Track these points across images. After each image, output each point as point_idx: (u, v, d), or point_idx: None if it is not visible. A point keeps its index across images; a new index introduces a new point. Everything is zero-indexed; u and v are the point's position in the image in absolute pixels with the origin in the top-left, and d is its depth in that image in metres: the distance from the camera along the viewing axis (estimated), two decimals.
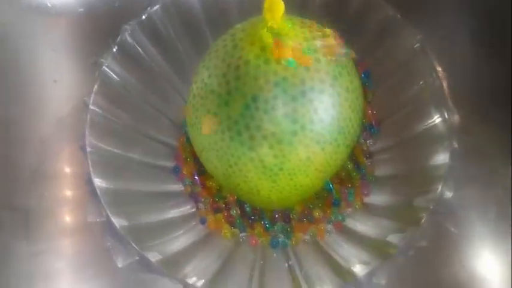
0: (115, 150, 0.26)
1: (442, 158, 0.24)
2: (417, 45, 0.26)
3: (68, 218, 0.30)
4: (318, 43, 0.22)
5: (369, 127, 0.29)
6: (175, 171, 0.29)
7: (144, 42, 0.28)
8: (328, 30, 0.23)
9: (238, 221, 0.28)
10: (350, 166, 0.28)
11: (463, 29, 0.34)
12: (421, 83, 0.26)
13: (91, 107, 0.25)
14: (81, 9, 0.37)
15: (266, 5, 0.21)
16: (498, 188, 0.30)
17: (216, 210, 0.29)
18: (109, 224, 0.22)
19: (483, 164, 0.30)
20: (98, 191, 0.23)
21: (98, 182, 0.23)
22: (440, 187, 0.23)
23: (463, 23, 0.34)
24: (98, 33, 0.36)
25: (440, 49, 0.30)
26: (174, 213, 0.27)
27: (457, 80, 0.27)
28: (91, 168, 0.23)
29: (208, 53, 0.24)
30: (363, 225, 0.26)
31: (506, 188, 0.30)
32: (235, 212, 0.28)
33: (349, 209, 0.28)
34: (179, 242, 0.25)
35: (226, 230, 0.28)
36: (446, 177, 0.23)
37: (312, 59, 0.21)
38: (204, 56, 0.24)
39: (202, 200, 0.29)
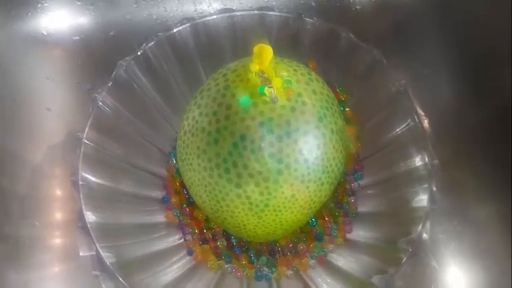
0: (106, 183, 0.27)
1: (421, 199, 0.25)
2: (400, 88, 0.28)
3: (58, 246, 0.31)
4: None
5: (353, 172, 0.31)
6: (165, 201, 0.31)
7: (138, 77, 0.30)
8: (313, 73, 0.25)
9: (224, 252, 0.29)
10: (333, 205, 0.30)
11: (446, 68, 0.36)
12: (402, 125, 0.28)
13: (84, 141, 0.26)
14: (76, 37, 0.38)
15: (255, 50, 0.23)
16: (473, 222, 0.32)
17: (203, 241, 0.30)
18: (98, 257, 0.23)
19: (459, 198, 0.32)
20: (89, 226, 0.24)
21: (89, 215, 0.24)
22: (419, 229, 0.24)
23: (445, 62, 0.37)
24: (93, 61, 0.37)
25: (423, 89, 0.33)
26: (162, 244, 0.28)
27: (439, 120, 0.29)
28: (82, 202, 0.24)
29: (200, 91, 0.25)
30: (345, 261, 0.28)
31: (478, 221, 0.32)
32: (221, 243, 0.29)
33: (331, 245, 0.29)
34: (167, 275, 0.26)
35: (213, 261, 0.29)
36: (425, 220, 0.24)
37: (291, 91, 0.23)
38: (195, 91, 0.26)
39: (190, 230, 0.30)
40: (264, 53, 0.23)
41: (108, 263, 0.24)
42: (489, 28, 0.34)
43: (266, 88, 0.22)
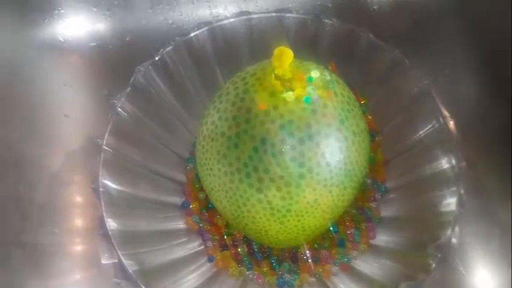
0: (125, 189, 0.27)
1: (449, 203, 0.25)
2: (423, 89, 0.27)
3: (78, 253, 0.31)
4: None
5: (378, 186, 0.30)
6: (184, 206, 0.31)
7: (156, 82, 0.30)
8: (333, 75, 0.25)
9: (245, 258, 0.29)
10: (354, 211, 0.29)
11: (467, 67, 0.36)
12: (427, 127, 0.27)
13: (104, 147, 0.26)
14: (93, 44, 0.39)
15: (276, 53, 0.23)
16: (500, 224, 0.31)
17: (224, 247, 0.30)
18: (120, 264, 0.23)
19: (486, 201, 0.32)
20: (110, 233, 0.24)
21: (110, 222, 0.24)
22: (448, 233, 0.24)
23: (466, 61, 0.36)
24: (109, 67, 0.38)
25: (445, 89, 0.32)
26: (182, 251, 0.28)
27: (464, 121, 0.28)
28: (104, 209, 0.24)
29: (218, 96, 0.25)
30: (369, 267, 0.27)
31: (506, 223, 0.31)
32: (242, 249, 0.29)
33: (355, 251, 0.29)
34: (188, 282, 0.26)
35: (233, 268, 0.29)
36: (454, 224, 0.24)
37: (331, 93, 0.23)
38: (213, 96, 0.26)
39: (210, 236, 0.30)
40: (284, 56, 0.22)
41: (130, 271, 0.24)
42: (509, 25, 0.34)
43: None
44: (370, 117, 0.31)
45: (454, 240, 0.24)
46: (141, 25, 0.40)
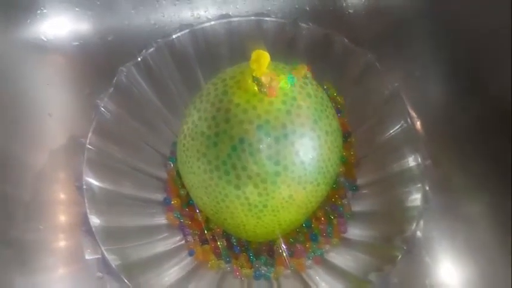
0: (108, 187, 0.28)
1: (415, 198, 0.27)
2: (394, 91, 0.29)
3: (62, 249, 0.32)
4: None
5: (350, 185, 0.32)
6: (166, 202, 0.32)
7: (138, 82, 0.31)
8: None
9: (224, 252, 0.30)
10: (328, 207, 0.31)
11: (437, 69, 0.38)
12: (396, 127, 0.29)
13: (87, 146, 0.27)
14: (76, 43, 0.40)
15: (253, 56, 0.24)
16: (465, 219, 0.33)
17: (204, 242, 0.31)
18: (103, 259, 0.25)
19: (451, 197, 0.34)
20: (94, 229, 0.25)
21: (93, 219, 0.26)
22: (413, 227, 0.26)
23: (436, 64, 0.38)
24: (92, 66, 0.39)
25: (415, 90, 0.34)
26: (164, 246, 0.30)
27: (431, 121, 0.30)
28: (87, 206, 0.26)
29: (199, 96, 0.26)
30: (342, 259, 0.29)
31: (470, 218, 0.33)
32: (221, 243, 0.31)
33: (327, 245, 0.30)
34: (170, 276, 0.28)
35: (213, 261, 0.30)
36: (419, 218, 0.26)
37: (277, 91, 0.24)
38: (194, 96, 0.27)
39: (191, 231, 0.31)
40: (262, 59, 0.24)
41: (113, 266, 0.25)
42: (479, 29, 0.36)
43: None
44: (346, 120, 0.32)
45: (419, 233, 0.25)
46: (123, 25, 0.40)
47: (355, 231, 0.30)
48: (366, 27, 0.40)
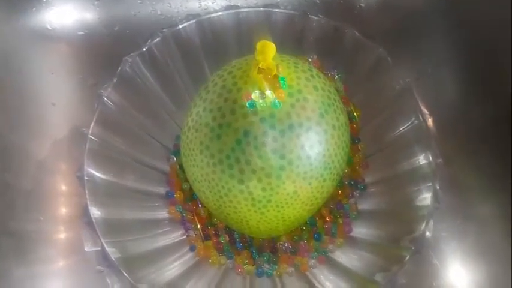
0: (110, 178, 0.28)
1: (425, 197, 0.26)
2: (405, 87, 0.29)
3: (62, 241, 0.32)
4: None
5: (355, 184, 0.32)
6: (169, 196, 0.32)
7: (143, 72, 0.31)
8: (314, 69, 0.26)
9: (226, 248, 0.30)
10: (333, 206, 0.31)
11: (450, 65, 0.38)
12: (406, 124, 0.29)
13: (90, 136, 0.27)
14: (81, 32, 0.40)
15: (258, 47, 0.24)
16: (475, 220, 0.33)
17: (206, 237, 0.31)
18: (103, 252, 0.25)
19: (461, 197, 0.33)
20: (94, 221, 0.25)
21: (94, 210, 0.26)
22: (422, 227, 0.25)
23: (449, 60, 0.38)
24: (97, 56, 0.39)
25: (427, 86, 0.34)
26: (165, 240, 0.30)
27: (443, 118, 0.30)
28: (88, 198, 0.26)
29: (204, 87, 0.26)
30: (347, 258, 0.29)
31: (481, 219, 0.33)
32: (224, 239, 0.30)
33: (331, 245, 0.30)
34: (171, 271, 0.28)
35: (214, 257, 0.30)
36: (428, 218, 0.25)
37: (284, 93, 0.24)
38: (199, 87, 0.27)
39: (193, 226, 0.31)
40: (267, 49, 0.23)
41: (113, 259, 0.25)
42: (493, 25, 0.35)
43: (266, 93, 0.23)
44: (355, 126, 0.32)
45: (428, 233, 0.25)
46: (129, 15, 0.40)
47: (361, 230, 0.30)
48: (378, 21, 0.40)
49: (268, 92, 0.23)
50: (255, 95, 0.23)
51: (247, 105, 0.24)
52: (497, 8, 0.35)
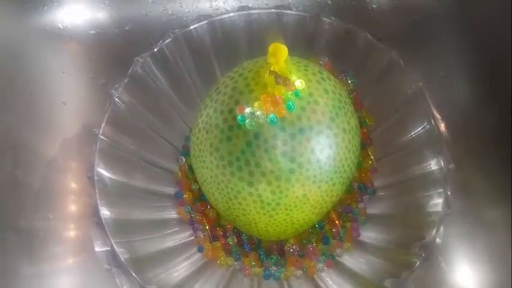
0: (120, 179, 0.28)
1: (436, 203, 0.26)
2: (417, 91, 0.29)
3: (71, 239, 0.33)
4: None
5: (364, 188, 0.31)
6: (178, 196, 0.32)
7: (154, 73, 0.31)
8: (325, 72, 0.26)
9: (234, 249, 0.30)
10: (341, 210, 0.31)
11: (462, 69, 0.37)
12: (418, 128, 0.29)
13: (100, 136, 0.28)
14: (92, 32, 0.40)
15: (270, 50, 0.24)
16: (485, 225, 0.33)
17: (214, 238, 0.31)
18: (113, 252, 0.25)
19: (472, 202, 0.33)
20: (104, 221, 0.25)
21: (104, 210, 0.26)
22: (433, 233, 0.25)
23: (462, 64, 0.37)
24: (108, 55, 0.39)
25: (439, 90, 0.33)
26: (173, 241, 0.30)
27: (455, 123, 0.30)
28: (98, 198, 0.26)
29: (215, 89, 0.26)
30: (355, 262, 0.29)
31: (490, 224, 0.33)
32: (232, 240, 0.31)
33: (339, 249, 0.30)
34: (179, 272, 0.28)
35: (222, 258, 0.30)
36: (439, 224, 0.25)
37: (285, 111, 0.24)
38: (210, 89, 0.27)
39: (201, 227, 0.31)
40: (279, 52, 0.24)
41: (122, 259, 0.25)
42: (504, 29, 0.35)
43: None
44: (365, 130, 0.32)
45: (438, 240, 0.25)
46: (140, 15, 0.41)
47: (370, 235, 0.30)
48: (390, 24, 0.40)
49: (258, 113, 0.23)
50: (246, 112, 0.23)
51: (238, 119, 0.24)
52: (508, 11, 0.35)
